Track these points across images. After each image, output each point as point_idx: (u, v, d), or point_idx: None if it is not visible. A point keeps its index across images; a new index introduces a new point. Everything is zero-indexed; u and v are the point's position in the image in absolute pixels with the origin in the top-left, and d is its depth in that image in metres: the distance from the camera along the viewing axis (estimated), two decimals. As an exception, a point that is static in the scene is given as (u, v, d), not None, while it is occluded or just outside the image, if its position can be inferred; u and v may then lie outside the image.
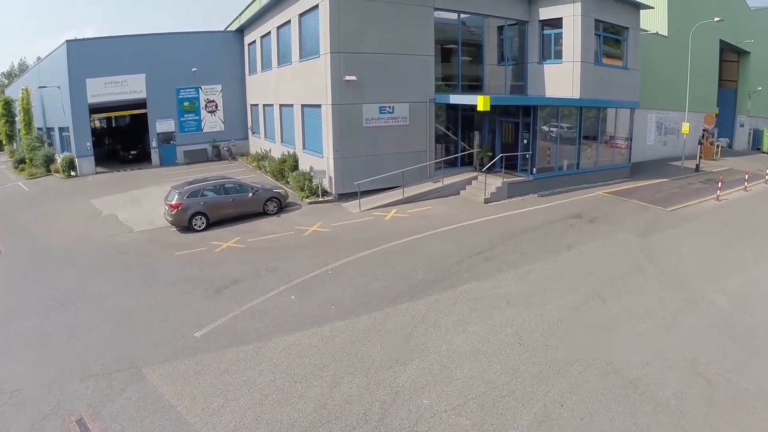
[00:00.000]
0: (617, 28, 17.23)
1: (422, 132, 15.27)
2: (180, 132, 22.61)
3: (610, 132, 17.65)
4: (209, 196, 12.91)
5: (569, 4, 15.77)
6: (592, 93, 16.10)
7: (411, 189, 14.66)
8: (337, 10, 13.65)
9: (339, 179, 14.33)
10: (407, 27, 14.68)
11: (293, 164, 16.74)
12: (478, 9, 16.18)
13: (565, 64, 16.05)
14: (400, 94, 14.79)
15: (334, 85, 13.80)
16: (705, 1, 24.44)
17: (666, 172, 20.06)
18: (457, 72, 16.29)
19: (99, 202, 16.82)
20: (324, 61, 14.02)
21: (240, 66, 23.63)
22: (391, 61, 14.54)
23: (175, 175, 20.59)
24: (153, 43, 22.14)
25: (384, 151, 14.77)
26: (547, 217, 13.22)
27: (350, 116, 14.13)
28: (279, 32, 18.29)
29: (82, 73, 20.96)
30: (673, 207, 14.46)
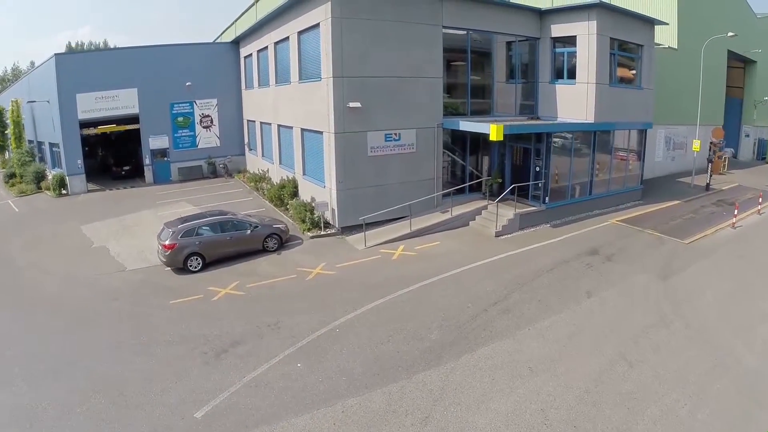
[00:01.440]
0: (632, 46, 16.37)
1: (430, 159, 14.41)
2: (174, 148, 21.58)
3: (622, 155, 16.92)
4: (205, 234, 12.03)
5: (584, 22, 14.87)
6: (606, 116, 15.29)
7: (418, 220, 13.88)
8: (340, 31, 12.69)
9: (343, 212, 13.50)
10: (414, 48, 13.73)
11: (293, 190, 15.86)
12: (488, 26, 15.21)
13: (578, 85, 15.19)
14: (407, 120, 13.90)
15: (337, 112, 12.89)
16: (713, 12, 23.69)
17: (677, 192, 19.38)
18: (466, 92, 15.35)
19: (90, 230, 15.89)
20: (326, 85, 13.08)
21: (236, 79, 22.55)
22: (397, 84, 13.62)
23: (169, 195, 19.72)
24: (145, 56, 21.00)
25: (390, 180, 13.92)
26: (563, 255, 12.51)
27: (354, 145, 13.25)
28: (277, 48, 17.24)
29: (71, 88, 19.90)
30: (690, 239, 13.81)
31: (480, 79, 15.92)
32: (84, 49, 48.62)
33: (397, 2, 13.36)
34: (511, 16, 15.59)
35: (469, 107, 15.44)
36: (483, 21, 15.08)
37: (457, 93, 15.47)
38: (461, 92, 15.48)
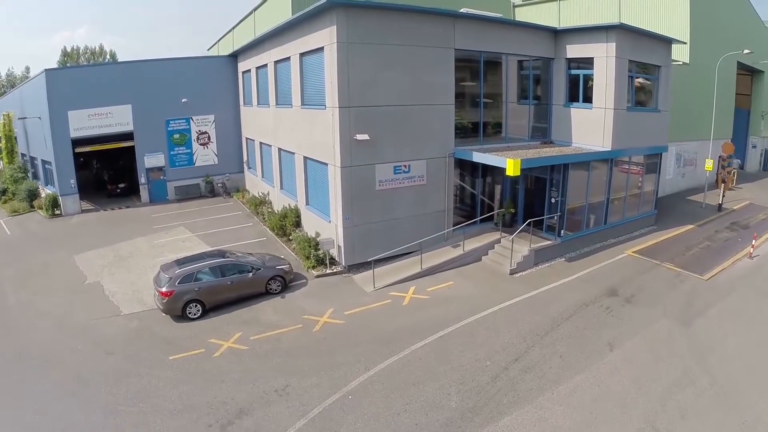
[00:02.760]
0: (649, 68, 15.51)
1: (440, 190, 13.59)
2: (170, 166, 20.60)
3: (637, 180, 16.20)
4: (204, 279, 11.16)
5: (602, 44, 13.99)
6: (623, 142, 14.48)
7: (429, 256, 13.10)
8: (346, 57, 11.75)
9: (349, 250, 12.69)
10: (425, 73, 12.83)
11: (295, 219, 15.04)
12: (501, 47, 14.29)
13: (595, 110, 14.35)
14: (417, 150, 13.04)
15: (344, 145, 12.02)
16: (725, 24, 22.88)
17: (689, 214, 18.67)
18: (478, 116, 14.45)
19: (83, 260, 15.01)
20: (331, 115, 12.19)
21: (234, 94, 21.48)
22: (407, 112, 12.73)
23: (165, 218, 18.78)
24: (139, 71, 19.93)
25: (399, 214, 13.10)
26: (581, 297, 11.81)
27: (361, 179, 12.40)
28: (277, 67, 16.25)
29: (63, 104, 18.87)
30: (708, 274, 13.17)
31: (492, 101, 15.06)
32: (80, 53, 46.98)
33: (407, 24, 12.44)
34: (525, 35, 14.68)
35: (481, 133, 14.56)
36: (496, 42, 14.16)
37: (468, 116, 14.55)
38: (473, 116, 14.55)
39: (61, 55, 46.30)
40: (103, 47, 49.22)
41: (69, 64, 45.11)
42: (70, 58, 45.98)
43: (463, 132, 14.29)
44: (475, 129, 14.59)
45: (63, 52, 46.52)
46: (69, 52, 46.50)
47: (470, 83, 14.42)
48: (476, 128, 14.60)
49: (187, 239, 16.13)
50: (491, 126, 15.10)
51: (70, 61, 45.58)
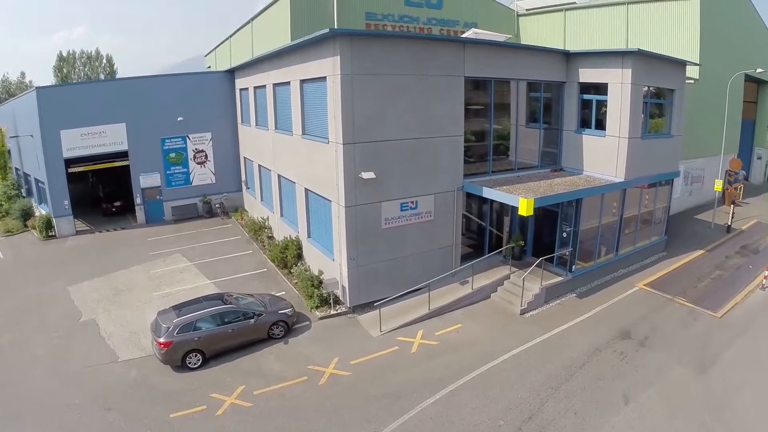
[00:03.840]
0: (664, 92, 14.85)
1: (448, 224, 12.95)
2: (167, 186, 19.79)
3: (648, 208, 15.64)
4: (204, 328, 10.52)
5: (617, 69, 13.26)
6: (636, 171, 13.85)
7: (436, 294, 12.48)
8: (351, 90, 10.97)
9: (354, 291, 12.07)
10: (434, 103, 12.10)
11: (297, 251, 14.36)
12: (512, 73, 13.54)
13: (608, 138, 13.69)
14: (425, 185, 12.36)
15: (348, 184, 11.31)
16: (734, 38, 22.15)
17: (698, 236, 18.16)
18: (488, 145, 13.76)
19: (77, 293, 14.32)
20: (334, 151, 11.47)
21: (232, 111, 20.58)
22: (414, 146, 12.01)
23: (161, 242, 18.03)
24: (133, 88, 19.03)
25: (405, 252, 12.47)
26: (593, 341, 11.28)
27: (367, 218, 11.72)
28: (276, 90, 15.41)
29: (55, 124, 18.01)
30: (721, 309, 12.73)
31: (501, 127, 14.31)
32: (75, 57, 45.61)
33: (415, 53, 11.66)
34: (537, 59, 13.92)
35: (490, 162, 13.85)
36: (506, 67, 13.41)
37: (477, 144, 13.75)
38: (482, 144, 13.77)
39: (57, 60, 45.05)
40: (99, 51, 48.01)
41: (65, 69, 44.02)
42: (67, 62, 44.73)
43: (472, 160, 13.58)
44: (483, 157, 13.89)
45: (59, 57, 45.24)
46: (65, 56, 45.17)
47: (479, 109, 13.64)
48: (485, 156, 13.89)
49: (184, 269, 15.48)
50: (500, 151, 14.41)
51: (66, 65, 44.39)
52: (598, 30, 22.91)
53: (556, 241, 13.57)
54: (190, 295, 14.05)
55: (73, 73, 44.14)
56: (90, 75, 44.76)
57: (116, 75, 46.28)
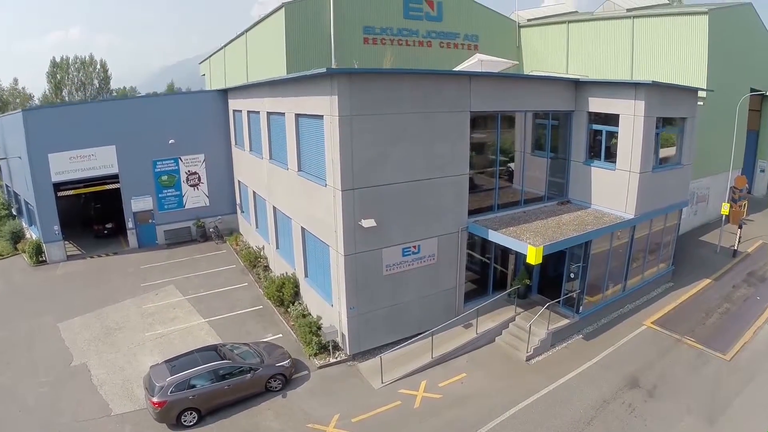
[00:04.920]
0: (676, 121, 14.00)
1: (452, 266, 12.13)
2: (159, 210, 18.80)
3: (657, 241, 14.87)
4: (199, 386, 9.76)
5: (629, 101, 12.35)
6: (647, 206, 13.07)
7: (440, 338, 11.68)
8: (350, 132, 9.99)
9: (354, 338, 11.28)
10: (438, 142, 11.19)
11: (294, 290, 13.50)
12: (519, 104, 12.63)
13: (619, 172, 12.85)
14: (428, 228, 11.50)
15: (347, 232, 10.43)
16: (740, 54, 21.17)
17: (705, 262, 17.43)
18: (494, 181, 12.90)
19: (68, 330, 13.50)
20: (333, 197, 10.57)
21: (225, 131, 19.51)
22: (417, 188, 11.13)
23: (154, 271, 17.09)
24: (122, 109, 17.99)
25: (407, 297, 11.67)
26: (601, 392, 10.60)
27: (367, 265, 10.88)
28: (270, 119, 14.38)
29: (43, 147, 16.98)
30: (730, 351, 12.15)
31: (507, 159, 13.42)
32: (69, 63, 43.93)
33: (418, 89, 10.72)
34: (545, 89, 13.04)
35: (496, 199, 12.97)
36: (514, 99, 12.50)
37: (482, 179, 12.88)
38: (487, 179, 12.90)
39: (51, 66, 43.38)
40: (93, 57, 46.31)
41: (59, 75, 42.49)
42: (60, 68, 43.11)
43: (477, 196, 12.70)
44: (489, 192, 12.99)
45: (52, 63, 43.53)
46: (58, 62, 43.49)
47: (484, 143, 12.74)
48: (491, 191, 13.00)
49: (177, 304, 14.63)
50: (506, 179, 13.49)
51: (59, 71, 42.82)
52: (603, 43, 21.88)
53: (563, 279, 12.80)
54: (183, 337, 13.37)
55: (67, 79, 42.65)
56: (84, 81, 43.24)
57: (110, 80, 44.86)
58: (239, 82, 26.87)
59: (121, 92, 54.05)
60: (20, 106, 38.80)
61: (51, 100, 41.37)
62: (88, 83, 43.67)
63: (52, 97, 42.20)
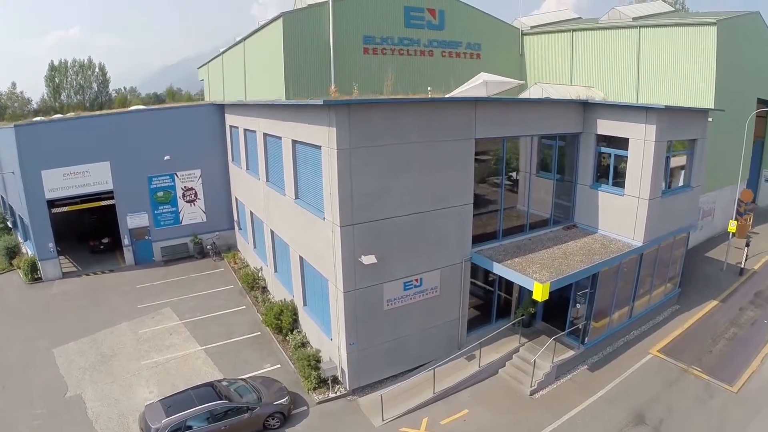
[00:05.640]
0: (686, 144, 13.40)
1: (455, 298, 11.60)
2: (155, 226, 18.24)
3: (665, 264, 14.28)
4: (196, 427, 9.33)
5: (640, 125, 11.70)
6: (656, 232, 12.51)
7: (442, 372, 11.19)
8: (349, 166, 9.37)
9: (354, 373, 10.79)
10: (441, 171, 10.60)
11: (292, 317, 13.00)
12: (526, 129, 12.05)
13: (627, 198, 12.26)
14: (431, 261, 10.95)
15: (347, 268, 9.87)
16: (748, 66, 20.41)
17: (711, 281, 16.88)
18: (499, 209, 12.30)
19: (63, 357, 13.04)
20: (331, 232, 9.97)
21: (221, 145, 18.84)
22: (420, 220, 10.55)
23: (150, 291, 16.54)
24: (117, 124, 17.34)
25: (408, 331, 11.15)
26: (606, 428, 10.11)
27: (367, 301, 10.34)
28: (267, 140, 13.74)
29: (36, 163, 16.41)
30: (738, 382, 11.70)
31: (511, 184, 12.76)
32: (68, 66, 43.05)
33: (420, 118, 10.09)
34: (553, 111, 12.41)
35: (500, 227, 12.40)
36: (520, 123, 11.88)
37: (487, 207, 12.26)
38: (492, 207, 12.29)
39: (49, 70, 42.61)
40: (92, 60, 45.51)
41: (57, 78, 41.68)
42: (59, 72, 42.27)
43: (480, 219, 12.08)
44: (493, 214, 12.42)
45: (50, 67, 42.79)
46: (57, 66, 42.68)
47: (488, 165, 12.20)
48: (495, 212, 12.42)
49: (174, 330, 14.14)
50: (511, 199, 12.89)
51: (58, 75, 41.99)
52: (608, 53, 21.09)
53: (568, 306, 12.27)
54: (179, 366, 12.89)
55: (66, 83, 41.80)
56: (83, 84, 42.41)
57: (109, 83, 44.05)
58: (237, 91, 26.26)
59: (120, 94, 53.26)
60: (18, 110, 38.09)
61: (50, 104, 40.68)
62: (87, 87, 42.86)
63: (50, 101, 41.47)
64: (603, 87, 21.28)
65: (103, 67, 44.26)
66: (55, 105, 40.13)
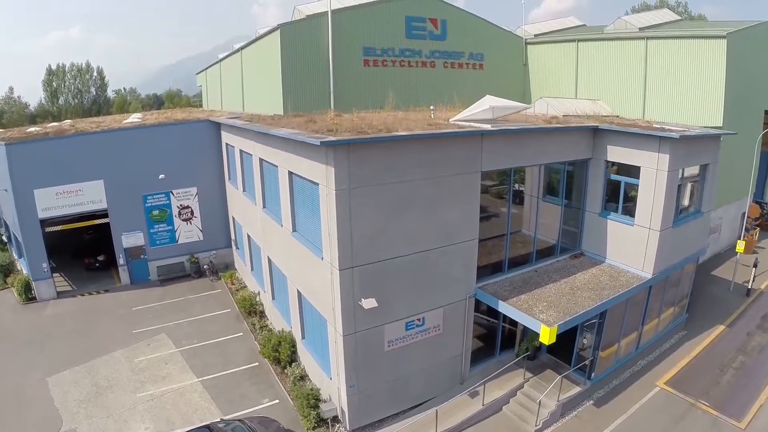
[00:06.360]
0: (698, 169, 12.78)
1: (458, 335, 11.06)
2: (151, 245, 17.64)
3: (672, 291, 13.72)
4: None
5: (652, 153, 11.09)
6: (666, 262, 11.96)
7: (444, 410, 10.64)
8: (348, 206, 8.75)
9: (354, 413, 10.27)
10: (446, 208, 10.01)
11: (291, 350, 12.45)
12: (533, 158, 11.46)
13: (637, 228, 11.67)
14: (434, 299, 10.39)
15: (346, 311, 9.31)
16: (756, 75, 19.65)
17: (718, 304, 16.30)
18: (504, 242, 11.72)
19: (57, 387, 12.55)
20: (330, 273, 9.38)
21: (218, 162, 18.16)
22: (423, 259, 9.98)
23: (146, 314, 15.98)
24: (110, 142, 16.65)
25: (410, 370, 10.63)
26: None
27: (368, 343, 9.80)
28: (263, 166, 13.08)
29: (28, 182, 15.82)
30: (745, 417, 11.20)
31: (517, 212, 12.19)
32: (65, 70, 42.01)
33: (424, 152, 9.46)
34: (561, 139, 11.77)
35: (507, 255, 11.83)
36: (528, 153, 11.28)
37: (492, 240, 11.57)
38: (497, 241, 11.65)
39: (47, 74, 41.57)
40: (90, 64, 44.48)
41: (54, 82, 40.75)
42: (56, 76, 41.30)
43: (486, 249, 11.44)
44: (499, 245, 11.81)
45: (48, 71, 41.74)
46: (54, 70, 41.67)
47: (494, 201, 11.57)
48: (500, 245, 11.82)
49: (170, 358, 13.60)
50: (517, 231, 12.33)
51: (56, 79, 41.03)
52: (614, 64, 20.29)
53: (575, 338, 11.71)
54: (175, 400, 12.33)
55: (63, 87, 40.85)
56: (81, 88, 41.42)
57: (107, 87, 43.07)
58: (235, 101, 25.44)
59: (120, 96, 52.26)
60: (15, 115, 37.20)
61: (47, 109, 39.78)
62: (85, 90, 41.88)
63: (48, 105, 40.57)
64: (609, 100, 20.52)
65: (101, 71, 43.35)
66: (52, 110, 39.26)
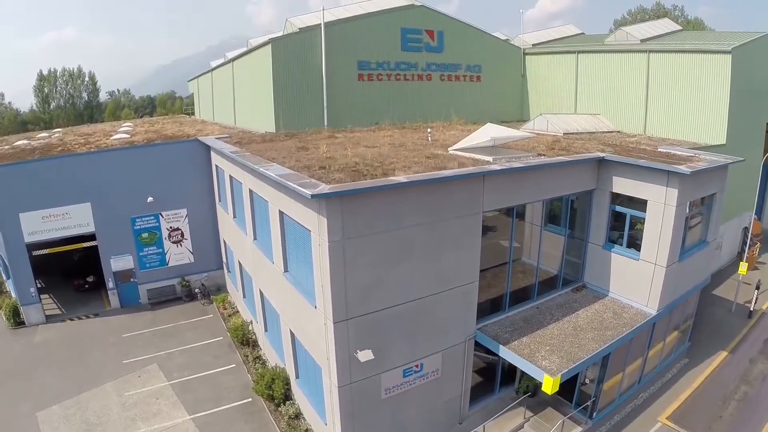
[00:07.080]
0: (705, 200, 12.20)
1: (457, 377, 10.53)
2: (141, 269, 16.89)
3: (676, 322, 13.24)
4: None
5: (660, 187, 10.51)
6: (671, 297, 11.43)
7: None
8: (342, 258, 8.12)
9: (351, 463, 9.91)
10: (445, 253, 9.41)
11: (285, 387, 11.83)
12: (536, 195, 10.85)
13: (642, 263, 11.12)
14: (431, 344, 9.83)
15: (341, 363, 8.73)
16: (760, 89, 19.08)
17: (720, 328, 15.94)
18: (506, 280, 11.13)
19: (47, 423, 11.91)
20: (325, 325, 8.75)
21: (208, 182, 17.32)
22: (421, 305, 9.39)
23: (136, 341, 15.31)
24: (97, 163, 15.86)
25: (408, 415, 10.09)
26: None
27: (364, 393, 9.24)
28: (253, 197, 12.34)
29: (14, 206, 15.08)
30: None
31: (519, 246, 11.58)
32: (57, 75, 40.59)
33: (424, 198, 8.83)
34: (566, 172, 11.15)
35: (508, 292, 11.24)
36: (531, 189, 10.67)
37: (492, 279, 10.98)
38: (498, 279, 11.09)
39: (38, 80, 40.18)
40: (81, 69, 42.90)
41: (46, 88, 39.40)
42: (48, 82, 39.90)
43: (485, 282, 10.82)
44: (499, 282, 11.21)
45: (39, 77, 40.36)
46: (46, 75, 40.26)
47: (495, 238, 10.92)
48: (501, 281, 11.24)
49: (161, 393, 12.97)
50: (517, 259, 11.73)
51: (47, 85, 39.66)
52: (615, 77, 19.62)
53: (577, 375, 11.26)
54: (165, 440, 11.93)
55: (55, 92, 39.52)
56: (72, 93, 40.08)
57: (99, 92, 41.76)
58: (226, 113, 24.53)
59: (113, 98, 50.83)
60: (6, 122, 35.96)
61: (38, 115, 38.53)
62: (77, 96, 40.55)
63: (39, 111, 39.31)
64: (609, 113, 19.90)
65: (93, 76, 41.96)
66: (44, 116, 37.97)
